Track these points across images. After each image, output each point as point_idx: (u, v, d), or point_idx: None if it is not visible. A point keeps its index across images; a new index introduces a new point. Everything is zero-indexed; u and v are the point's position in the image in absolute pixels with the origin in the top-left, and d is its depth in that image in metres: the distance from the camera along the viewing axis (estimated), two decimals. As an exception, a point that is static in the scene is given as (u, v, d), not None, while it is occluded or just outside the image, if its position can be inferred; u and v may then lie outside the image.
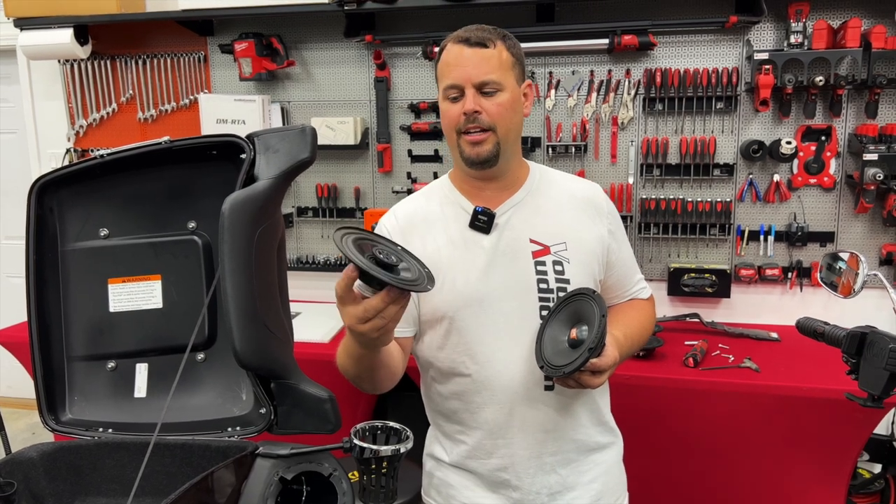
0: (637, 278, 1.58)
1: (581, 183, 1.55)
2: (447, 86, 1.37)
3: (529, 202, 1.46)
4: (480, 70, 1.35)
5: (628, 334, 1.44)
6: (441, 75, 1.40)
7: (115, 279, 1.38)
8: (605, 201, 1.52)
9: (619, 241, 1.52)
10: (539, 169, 1.53)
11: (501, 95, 1.36)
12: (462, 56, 1.36)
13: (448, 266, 1.40)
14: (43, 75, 3.51)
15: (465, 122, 1.36)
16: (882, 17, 2.65)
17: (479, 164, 1.39)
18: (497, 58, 1.36)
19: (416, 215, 1.48)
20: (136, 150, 1.32)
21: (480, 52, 1.36)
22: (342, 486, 1.17)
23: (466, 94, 1.35)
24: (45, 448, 1.24)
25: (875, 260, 2.82)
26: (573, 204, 1.48)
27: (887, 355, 1.07)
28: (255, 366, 1.19)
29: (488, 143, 1.37)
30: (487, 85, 1.35)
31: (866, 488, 2.77)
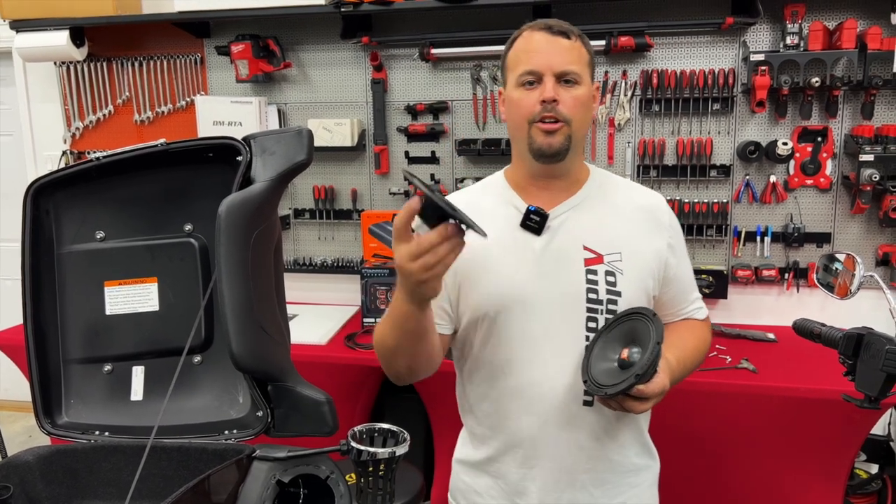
0: (693, 297, 1.49)
1: (644, 192, 1.47)
2: (524, 71, 1.30)
3: (587, 206, 1.39)
4: (563, 59, 1.29)
5: (681, 359, 1.36)
6: (515, 62, 1.34)
7: (112, 282, 1.38)
8: (668, 213, 1.44)
9: (679, 256, 1.43)
10: (600, 173, 1.46)
11: (579, 88, 1.31)
12: (544, 43, 1.30)
13: (493, 264, 1.35)
14: (39, 77, 3.50)
15: (540, 111, 1.29)
16: (878, 18, 2.65)
17: (548, 157, 1.32)
18: (578, 51, 1.32)
19: (469, 206, 1.35)
20: (133, 152, 1.32)
21: (564, 42, 1.30)
22: (339, 488, 1.16)
23: (545, 81, 1.29)
24: (41, 451, 1.24)
25: (871, 261, 2.83)
26: (633, 213, 1.40)
27: (884, 356, 1.08)
28: (251, 368, 1.19)
29: (561, 135, 1.30)
30: (568, 75, 1.29)
31: (864, 489, 2.77)
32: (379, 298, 2.92)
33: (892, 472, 2.78)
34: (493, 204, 1.42)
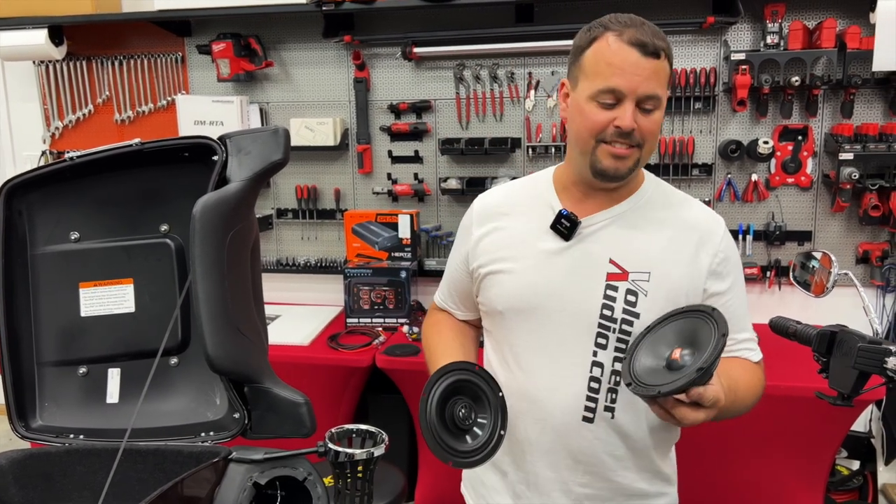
0: (742, 337, 1.36)
1: (700, 211, 1.35)
2: (605, 89, 1.20)
3: (627, 218, 1.32)
4: (650, 84, 1.19)
5: (732, 388, 1.21)
6: (594, 71, 1.22)
7: (87, 283, 1.36)
8: (722, 239, 1.32)
9: (727, 288, 1.31)
10: (655, 184, 1.37)
11: (658, 113, 1.23)
12: (634, 63, 1.18)
13: (512, 260, 1.33)
14: (17, 77, 3.47)
15: (613, 134, 1.21)
16: (856, 17, 2.67)
17: (612, 178, 1.26)
18: (665, 72, 1.22)
19: (503, 202, 1.41)
20: (107, 152, 1.30)
21: (652, 64, 1.19)
22: (317, 490, 1.15)
23: (625, 106, 1.19)
24: (14, 455, 1.22)
25: (851, 258, 2.85)
26: (676, 231, 1.31)
27: (856, 354, 1.08)
28: (227, 370, 1.18)
29: (630, 160, 1.24)
30: (651, 101, 1.21)
31: (845, 485, 2.80)
32: (362, 298, 2.91)
33: (873, 469, 2.80)
34: (530, 201, 1.39)
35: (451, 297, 1.53)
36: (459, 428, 1.20)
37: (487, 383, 1.24)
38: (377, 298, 2.92)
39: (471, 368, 1.24)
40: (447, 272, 1.53)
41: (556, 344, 1.30)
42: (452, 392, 1.21)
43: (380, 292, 2.91)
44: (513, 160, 3.01)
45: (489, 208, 1.42)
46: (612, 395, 1.30)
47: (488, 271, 1.37)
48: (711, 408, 1.10)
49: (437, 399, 1.18)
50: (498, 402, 1.22)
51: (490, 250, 1.37)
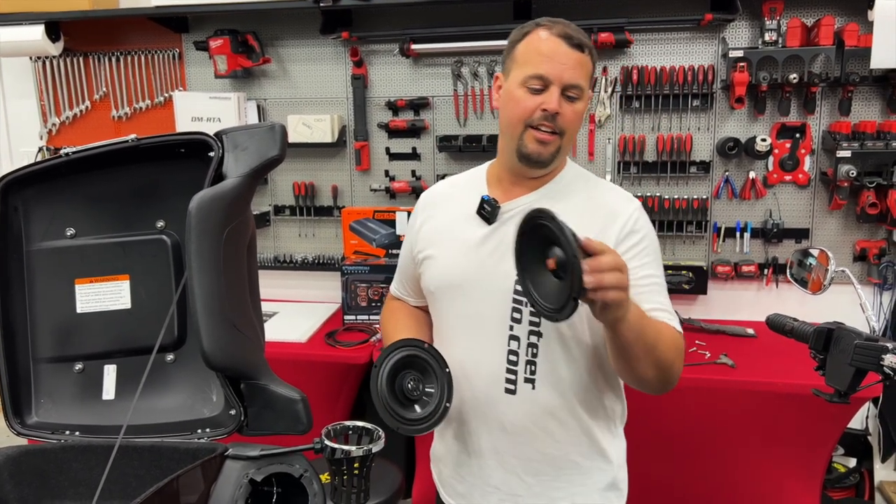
0: (653, 307, 1.33)
1: (613, 193, 1.45)
2: (533, 75, 1.32)
3: (545, 202, 1.38)
4: (574, 73, 1.32)
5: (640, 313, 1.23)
6: (524, 60, 1.35)
7: (83, 279, 1.35)
8: (632, 217, 1.38)
9: (631, 260, 1.32)
10: (574, 171, 1.48)
11: (580, 103, 1.35)
12: (560, 52, 1.32)
13: (443, 244, 1.46)
14: (14, 72, 3.45)
15: (540, 118, 1.33)
16: (855, 15, 2.67)
17: (535, 163, 1.37)
18: (587, 66, 1.35)
19: (442, 195, 1.56)
20: (103, 148, 1.29)
21: (577, 55, 1.33)
22: (313, 487, 1.15)
23: (551, 91, 1.31)
24: (9, 452, 1.22)
25: (849, 256, 2.86)
26: (588, 210, 1.38)
27: (852, 351, 1.08)
28: (223, 367, 1.17)
29: (552, 146, 1.35)
30: (574, 89, 1.33)
31: (841, 482, 2.81)
32: (359, 296, 2.91)
33: (870, 466, 2.81)
34: (463, 190, 1.50)
35: (404, 286, 1.65)
36: (409, 399, 1.31)
37: (435, 359, 1.35)
38: (374, 295, 2.91)
39: (420, 345, 1.36)
40: (399, 262, 1.65)
41: (477, 320, 1.40)
42: (403, 366, 1.33)
43: (377, 289, 2.91)
44: (510, 157, 3.01)
45: (429, 199, 1.57)
46: (531, 366, 1.37)
47: (424, 256, 1.50)
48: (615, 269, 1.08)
49: (388, 371, 1.30)
50: (444, 377, 1.34)
51: (427, 237, 1.51)
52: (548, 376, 1.38)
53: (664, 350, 1.26)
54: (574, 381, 1.39)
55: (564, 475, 1.43)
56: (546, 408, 1.39)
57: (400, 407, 1.30)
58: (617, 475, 1.49)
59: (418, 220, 1.56)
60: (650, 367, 1.26)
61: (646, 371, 1.26)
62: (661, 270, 1.40)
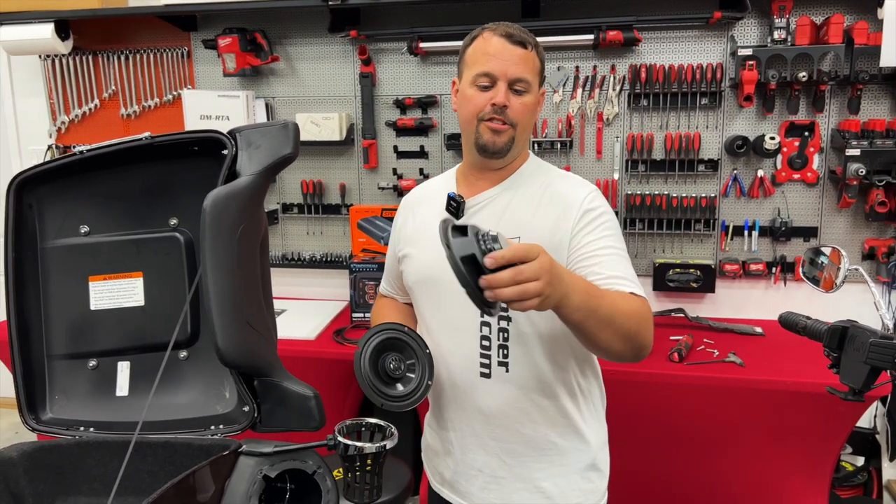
0: (611, 275, 1.36)
1: (569, 182, 1.50)
2: (481, 73, 1.41)
3: (506, 194, 1.49)
4: (518, 68, 1.40)
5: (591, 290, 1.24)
6: (472, 61, 1.44)
7: (96, 276, 1.37)
8: (587, 199, 1.43)
9: (589, 234, 1.39)
10: (535, 164, 1.54)
11: (528, 96, 1.42)
12: (503, 49, 1.40)
13: (419, 243, 1.53)
14: (24, 71, 3.47)
15: (490, 112, 1.40)
16: (864, 13, 2.66)
17: (491, 153, 1.44)
18: (532, 61, 1.43)
19: (421, 196, 1.64)
20: (117, 146, 1.30)
21: (520, 51, 1.41)
22: (326, 483, 1.16)
23: (499, 86, 1.40)
24: (24, 448, 1.23)
25: (858, 255, 2.85)
26: (544, 199, 1.46)
27: (868, 349, 1.08)
28: (237, 363, 1.18)
29: (506, 136, 1.42)
30: (520, 83, 1.40)
31: (849, 481, 2.80)
32: (367, 293, 2.92)
33: (878, 465, 2.80)
34: (438, 190, 1.57)
35: (391, 284, 1.73)
36: (391, 377, 1.38)
37: (416, 341, 1.45)
38: (382, 293, 2.92)
39: (400, 328, 1.44)
40: (386, 262, 1.75)
41: (450, 310, 1.46)
42: (385, 348, 1.40)
43: (385, 287, 2.91)
44: (518, 155, 3.01)
45: (408, 202, 1.66)
46: (504, 350, 1.44)
47: (404, 254, 1.59)
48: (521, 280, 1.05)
49: (370, 353, 1.38)
50: (425, 357, 1.43)
51: (406, 237, 1.60)
52: (520, 359, 1.44)
53: (624, 321, 1.26)
54: (546, 362, 1.44)
55: (545, 456, 1.48)
56: (521, 389, 1.45)
57: (383, 385, 1.37)
58: (597, 456, 1.53)
59: (399, 221, 1.66)
60: (614, 340, 1.26)
61: (610, 344, 1.27)
62: (622, 244, 1.44)
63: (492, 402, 1.46)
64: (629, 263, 1.41)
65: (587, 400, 1.52)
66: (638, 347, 1.31)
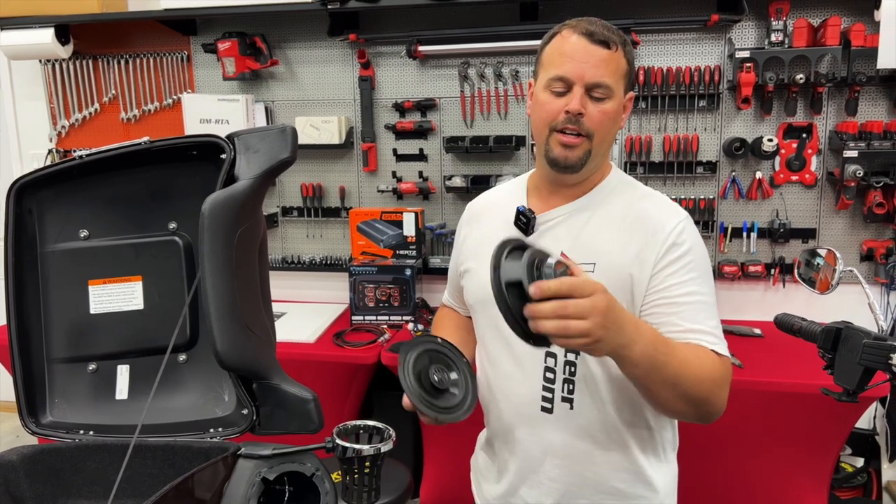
0: (694, 327, 1.23)
1: (657, 205, 1.35)
2: (555, 76, 1.26)
3: (583, 212, 1.34)
4: (597, 71, 1.24)
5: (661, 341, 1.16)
6: (549, 62, 1.29)
7: (96, 280, 1.37)
8: (675, 230, 1.28)
9: (672, 276, 1.26)
10: (618, 178, 1.39)
11: (609, 103, 1.27)
12: (581, 50, 1.25)
13: (482, 258, 1.33)
14: (24, 75, 3.48)
15: (563, 121, 1.26)
16: (861, 15, 2.67)
17: (563, 168, 1.30)
18: (616, 63, 1.27)
19: (486, 205, 1.51)
20: (116, 150, 1.31)
21: (601, 52, 1.25)
22: (325, 485, 1.16)
23: (574, 91, 1.25)
24: (24, 451, 1.23)
25: (856, 256, 2.85)
26: (625, 222, 1.31)
27: (861, 350, 1.09)
28: (235, 366, 1.19)
29: (580, 150, 1.28)
30: (599, 89, 1.25)
31: (849, 482, 2.80)
32: (367, 296, 2.92)
33: (877, 466, 2.80)
34: (504, 200, 1.45)
35: (452, 295, 1.63)
36: (437, 390, 1.28)
37: (451, 350, 1.34)
38: (382, 296, 2.93)
39: (434, 339, 1.34)
40: (449, 273, 1.63)
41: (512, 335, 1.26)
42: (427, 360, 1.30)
43: (385, 290, 2.92)
44: (517, 158, 3.02)
45: (472, 211, 1.54)
46: (569, 385, 1.31)
47: (465, 269, 1.47)
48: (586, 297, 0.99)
49: (412, 367, 1.28)
50: (464, 365, 1.32)
51: (468, 250, 1.48)
52: (586, 397, 1.31)
53: (692, 384, 1.16)
54: (615, 401, 1.30)
55: (605, 502, 1.35)
56: (585, 429, 1.32)
57: (433, 398, 1.28)
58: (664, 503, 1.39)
59: (462, 233, 1.53)
60: (676, 401, 1.18)
61: (672, 404, 1.19)
62: (711, 288, 1.29)
63: (552, 439, 1.33)
64: (715, 313, 1.28)
65: (657, 445, 1.37)
66: (704, 414, 1.22)
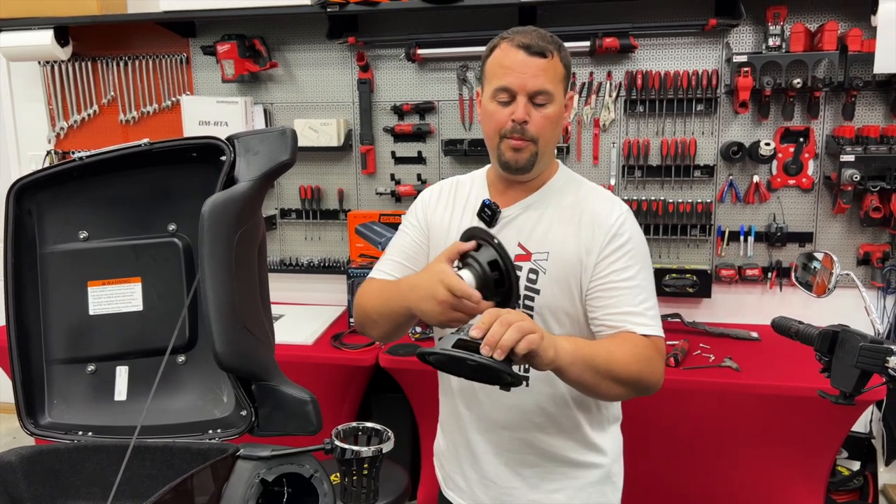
0: (632, 310, 1.36)
1: (601, 199, 1.47)
2: (499, 87, 1.37)
3: (537, 206, 1.46)
4: (537, 80, 1.35)
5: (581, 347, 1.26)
6: (492, 74, 1.40)
7: (95, 282, 1.37)
8: (617, 222, 1.41)
9: (613, 263, 1.38)
10: (566, 176, 1.51)
11: (550, 107, 1.37)
12: (520, 62, 1.35)
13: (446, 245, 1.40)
14: (23, 77, 3.48)
15: (510, 129, 1.37)
16: (858, 20, 2.68)
17: (515, 170, 1.42)
18: (553, 69, 1.37)
19: (452, 188, 1.57)
20: (116, 152, 1.31)
21: (539, 62, 1.35)
22: (323, 487, 1.17)
23: (518, 101, 1.36)
24: (23, 452, 1.23)
25: (853, 260, 2.86)
26: (574, 216, 1.43)
27: (857, 353, 1.09)
28: (235, 368, 1.19)
29: (527, 152, 1.39)
30: (540, 95, 1.36)
31: (845, 485, 2.81)
32: (365, 298, 2.92)
33: (874, 469, 2.81)
34: (467, 193, 1.54)
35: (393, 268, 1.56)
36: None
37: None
38: (380, 298, 2.92)
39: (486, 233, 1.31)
40: (395, 248, 1.58)
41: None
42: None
43: (383, 292, 2.92)
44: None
45: (443, 191, 1.58)
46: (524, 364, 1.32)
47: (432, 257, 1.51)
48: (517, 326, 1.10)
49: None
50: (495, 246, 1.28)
51: (436, 237, 1.54)
52: (541, 374, 1.36)
53: (622, 369, 1.27)
54: None
55: (559, 469, 1.48)
56: (539, 404, 1.45)
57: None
58: (612, 469, 1.53)
59: (428, 210, 1.56)
60: (613, 387, 1.28)
61: (609, 391, 1.29)
62: (648, 274, 1.41)
63: (510, 414, 1.46)
64: (651, 294, 1.39)
65: (602, 414, 1.51)
66: (642, 389, 1.32)
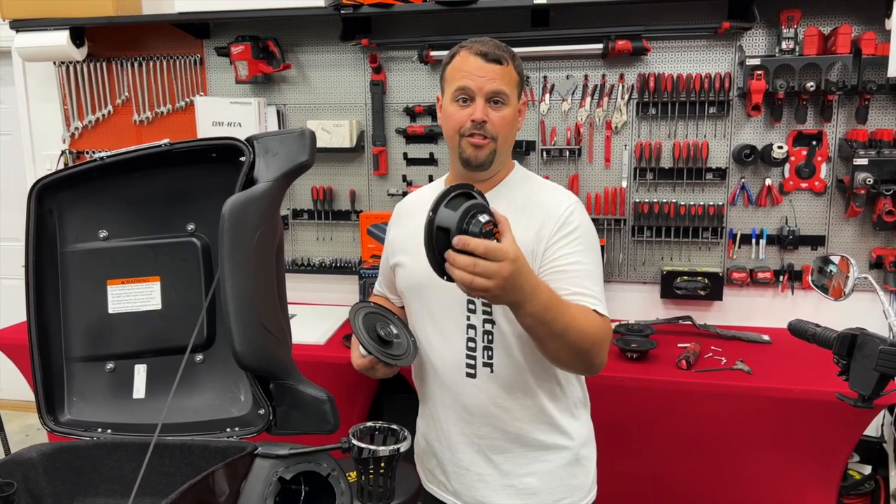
0: (582, 291, 1.41)
1: (552, 192, 1.55)
2: (459, 88, 1.46)
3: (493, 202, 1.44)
4: (493, 83, 1.44)
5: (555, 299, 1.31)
6: (452, 78, 1.49)
7: (115, 280, 1.39)
8: (566, 211, 1.48)
9: (562, 248, 1.45)
10: (521, 173, 1.60)
11: (506, 109, 1.47)
12: (479, 68, 1.45)
13: (409, 251, 1.58)
14: (38, 77, 3.51)
15: (470, 127, 1.46)
16: (872, 23, 2.68)
17: (475, 167, 1.49)
18: (509, 75, 1.47)
19: (409, 205, 1.70)
20: (136, 152, 1.33)
21: (495, 68, 1.45)
22: (340, 485, 1.18)
23: (476, 102, 1.45)
24: (44, 448, 1.25)
25: (865, 263, 2.85)
26: (527, 208, 1.50)
27: (877, 356, 1.09)
28: (254, 367, 1.20)
29: (487, 149, 1.47)
30: (497, 96, 1.45)
31: (857, 489, 2.80)
32: (377, 299, 2.93)
33: (885, 474, 2.80)
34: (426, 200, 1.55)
35: (383, 285, 1.80)
36: (385, 342, 1.47)
37: (383, 309, 1.58)
38: (391, 299, 2.93)
39: (369, 303, 1.58)
40: (381, 266, 1.80)
41: (438, 314, 1.54)
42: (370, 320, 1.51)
43: (394, 293, 2.93)
44: (527, 163, 3.03)
45: (398, 213, 1.72)
46: (488, 352, 1.50)
47: (395, 262, 1.64)
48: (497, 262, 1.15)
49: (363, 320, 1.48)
50: (397, 319, 1.56)
51: (398, 246, 1.65)
52: (504, 360, 1.49)
53: (577, 337, 1.32)
54: (527, 363, 1.49)
55: (529, 453, 1.54)
56: (505, 389, 1.51)
57: (386, 349, 1.47)
58: (580, 452, 1.58)
59: (391, 232, 1.72)
60: (561, 352, 1.34)
61: (559, 354, 1.35)
62: (595, 260, 1.48)
63: (477, 401, 1.52)
64: (598, 280, 1.46)
65: (568, 399, 1.57)
66: (588, 364, 1.39)
